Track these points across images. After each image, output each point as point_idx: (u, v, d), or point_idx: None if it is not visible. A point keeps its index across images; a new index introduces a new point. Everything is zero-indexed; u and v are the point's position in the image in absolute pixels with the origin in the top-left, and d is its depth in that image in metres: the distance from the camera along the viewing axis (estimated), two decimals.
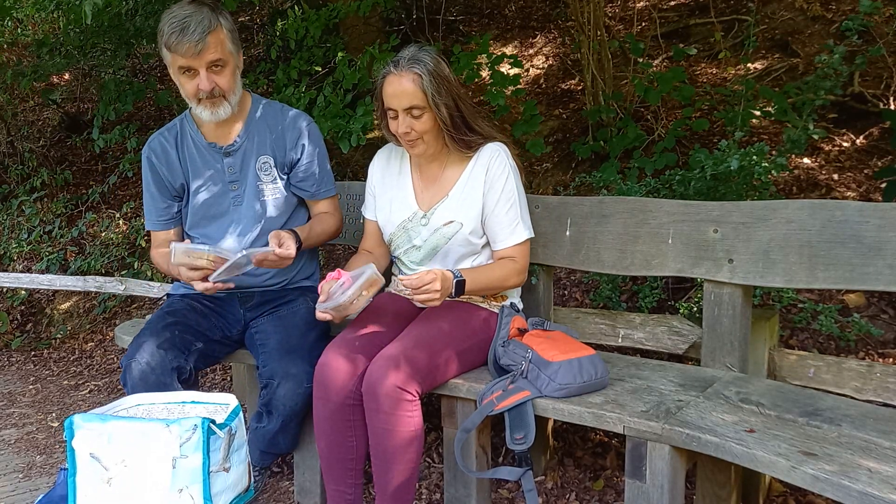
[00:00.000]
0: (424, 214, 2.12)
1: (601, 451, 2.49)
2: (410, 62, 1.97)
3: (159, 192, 2.30)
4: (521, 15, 5.35)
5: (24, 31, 6.53)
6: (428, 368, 1.92)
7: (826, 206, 1.91)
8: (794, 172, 3.24)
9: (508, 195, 2.06)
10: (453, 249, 2.10)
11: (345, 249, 4.17)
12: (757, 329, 2.09)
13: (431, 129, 2.02)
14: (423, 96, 1.96)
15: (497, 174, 2.06)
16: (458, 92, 2.02)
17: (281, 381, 2.06)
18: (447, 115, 1.99)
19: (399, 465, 1.90)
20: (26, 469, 2.78)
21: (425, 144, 2.05)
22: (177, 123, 2.32)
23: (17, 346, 4.52)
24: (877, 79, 3.48)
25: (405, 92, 1.96)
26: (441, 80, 1.97)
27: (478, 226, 2.08)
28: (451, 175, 2.12)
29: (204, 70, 2.09)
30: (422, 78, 1.95)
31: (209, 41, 2.05)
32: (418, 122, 2.00)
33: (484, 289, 2.08)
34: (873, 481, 1.39)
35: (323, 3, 4.33)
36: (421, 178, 2.17)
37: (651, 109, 3.75)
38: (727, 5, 4.41)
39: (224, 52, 2.11)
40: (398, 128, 2.02)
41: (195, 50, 2.04)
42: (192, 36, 2.02)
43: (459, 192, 2.09)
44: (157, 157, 2.28)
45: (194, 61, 2.07)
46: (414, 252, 2.15)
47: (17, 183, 5.67)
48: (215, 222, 2.29)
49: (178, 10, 2.06)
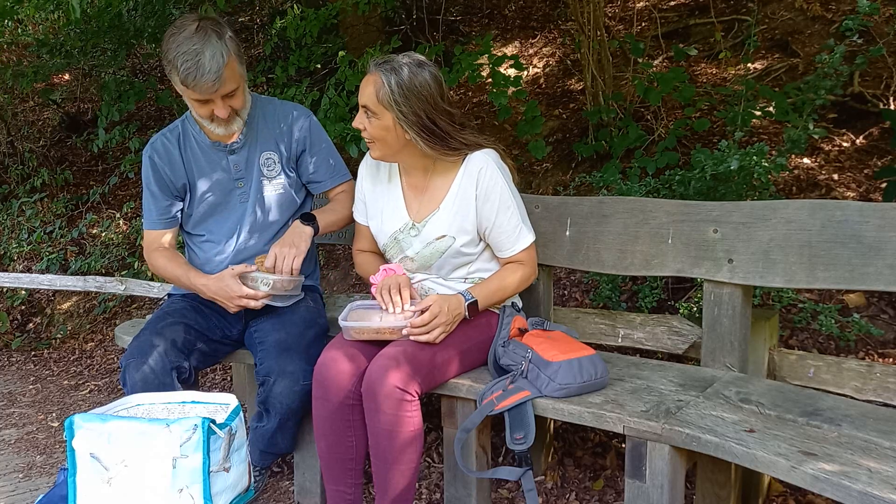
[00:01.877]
0: (415, 225, 2.09)
1: (601, 451, 2.49)
2: (384, 65, 1.94)
3: (161, 191, 2.30)
4: (521, 15, 5.35)
5: (25, 31, 6.53)
6: (428, 368, 1.92)
7: (826, 206, 1.90)
8: (794, 172, 3.24)
9: (506, 204, 2.02)
10: (447, 262, 2.08)
11: (345, 249, 4.17)
12: (757, 329, 2.09)
13: (383, 137, 1.97)
14: (376, 101, 1.93)
15: (489, 187, 2.00)
16: (432, 107, 1.94)
17: (277, 378, 2.06)
18: (416, 125, 1.94)
19: (399, 465, 1.90)
20: (26, 469, 2.78)
21: (378, 150, 2.02)
22: (178, 125, 2.32)
23: (17, 346, 4.52)
24: (877, 79, 3.48)
25: (364, 91, 1.96)
26: (410, 92, 1.91)
27: (473, 237, 2.06)
28: (441, 185, 2.07)
29: (220, 100, 2.09)
30: (384, 85, 1.92)
31: (225, 76, 2.04)
32: (370, 124, 1.97)
33: (500, 299, 2.09)
34: (873, 481, 1.39)
35: (322, 3, 4.33)
36: (409, 186, 2.13)
37: (651, 109, 3.75)
38: (727, 5, 4.41)
39: (237, 78, 2.10)
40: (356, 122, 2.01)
41: (213, 88, 2.04)
42: (208, 76, 2.01)
43: (451, 205, 2.05)
44: (160, 157, 2.28)
45: (211, 95, 2.07)
46: (408, 262, 2.12)
47: (18, 183, 5.67)
48: (221, 219, 2.30)
49: (186, 43, 2.01)
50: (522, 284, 2.11)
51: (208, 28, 2.04)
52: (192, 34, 2.02)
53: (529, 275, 2.11)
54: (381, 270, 2.08)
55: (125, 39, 5.01)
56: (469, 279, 2.12)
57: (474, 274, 2.12)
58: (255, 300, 2.11)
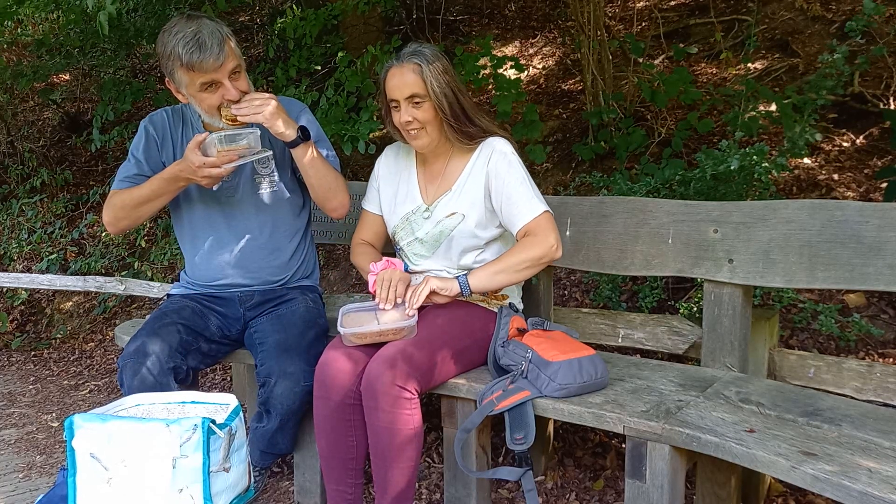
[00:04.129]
0: (427, 208, 2.15)
1: (601, 451, 2.49)
2: (411, 55, 2.04)
3: (146, 159, 2.25)
4: (521, 15, 5.35)
5: (24, 31, 6.53)
6: (427, 367, 1.92)
7: (826, 206, 1.91)
8: (794, 172, 3.24)
9: (518, 177, 2.05)
10: (456, 241, 2.10)
11: (345, 249, 4.17)
12: (757, 329, 2.09)
13: (432, 119, 2.06)
14: (423, 85, 2.01)
15: (499, 161, 2.07)
16: (457, 85, 2.07)
17: (278, 379, 2.06)
18: (447, 106, 2.03)
19: (399, 464, 1.90)
20: (26, 469, 2.78)
21: (428, 136, 2.08)
22: (181, 108, 2.33)
23: (17, 346, 4.52)
24: (877, 79, 3.48)
25: (406, 82, 2.02)
26: (440, 72, 2.03)
27: (482, 216, 2.09)
28: (455, 169, 2.14)
29: (227, 80, 2.08)
30: (421, 68, 2.01)
31: (227, 50, 2.06)
32: (419, 110, 2.04)
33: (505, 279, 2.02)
34: (873, 481, 1.39)
35: (322, 3, 4.33)
36: (426, 173, 2.19)
37: (652, 110, 3.75)
38: (727, 5, 4.41)
39: (238, 57, 2.12)
40: (401, 118, 2.06)
41: (218, 63, 2.04)
42: (211, 50, 2.02)
43: (462, 185, 2.11)
44: (156, 129, 2.28)
45: (217, 74, 2.06)
46: (417, 245, 2.16)
47: (17, 183, 5.67)
48: (205, 210, 2.29)
49: (183, 29, 2.03)
50: (532, 253, 1.98)
51: (198, 15, 2.09)
52: (186, 21, 2.06)
53: (540, 243, 1.98)
54: (384, 261, 2.10)
55: (125, 39, 5.01)
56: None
57: (481, 264, 2.13)
58: (218, 167, 2.04)
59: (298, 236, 2.39)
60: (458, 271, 2.13)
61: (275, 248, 2.32)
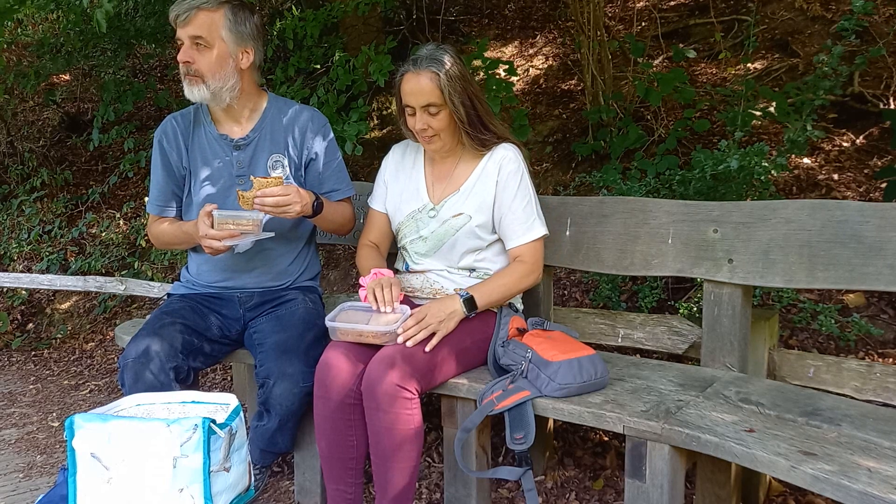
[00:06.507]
0: (434, 207, 2.15)
1: (601, 451, 2.49)
2: (429, 61, 2.01)
3: (167, 174, 2.30)
4: (521, 15, 5.35)
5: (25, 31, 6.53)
6: (427, 367, 1.93)
7: (826, 206, 1.91)
8: (794, 172, 3.24)
9: (524, 192, 2.09)
10: (460, 241, 2.11)
11: (345, 249, 4.17)
12: (757, 329, 2.09)
13: (447, 126, 2.06)
14: (440, 94, 2.00)
15: (511, 172, 2.08)
16: (473, 91, 2.05)
17: (277, 380, 2.06)
18: (464, 114, 2.03)
19: (399, 464, 1.90)
20: (26, 469, 2.78)
21: (441, 141, 2.09)
22: (191, 111, 2.33)
23: (17, 346, 4.52)
24: (877, 79, 3.49)
25: (422, 90, 2.01)
26: (457, 79, 2.01)
27: (487, 220, 2.10)
28: (464, 171, 2.15)
29: (187, 42, 2.13)
30: (439, 77, 1.99)
31: (198, 16, 2.10)
32: (435, 119, 2.03)
33: (501, 296, 2.09)
34: (873, 481, 1.39)
35: (321, 3, 4.33)
36: (434, 172, 2.20)
37: (651, 110, 3.75)
38: (727, 5, 4.41)
39: (211, 33, 2.12)
40: (415, 124, 2.06)
41: (178, 20, 2.11)
42: (181, 6, 2.09)
43: (470, 187, 2.12)
44: (168, 141, 2.30)
45: (181, 31, 2.13)
46: (420, 243, 2.17)
47: (17, 183, 5.67)
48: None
49: None
50: (521, 282, 2.11)
51: None
52: None
53: (527, 273, 2.10)
54: (372, 273, 2.08)
55: (125, 40, 5.01)
56: (475, 272, 2.14)
57: (481, 264, 2.14)
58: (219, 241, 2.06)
59: (303, 241, 2.39)
60: (458, 271, 2.15)
61: (280, 253, 2.33)
